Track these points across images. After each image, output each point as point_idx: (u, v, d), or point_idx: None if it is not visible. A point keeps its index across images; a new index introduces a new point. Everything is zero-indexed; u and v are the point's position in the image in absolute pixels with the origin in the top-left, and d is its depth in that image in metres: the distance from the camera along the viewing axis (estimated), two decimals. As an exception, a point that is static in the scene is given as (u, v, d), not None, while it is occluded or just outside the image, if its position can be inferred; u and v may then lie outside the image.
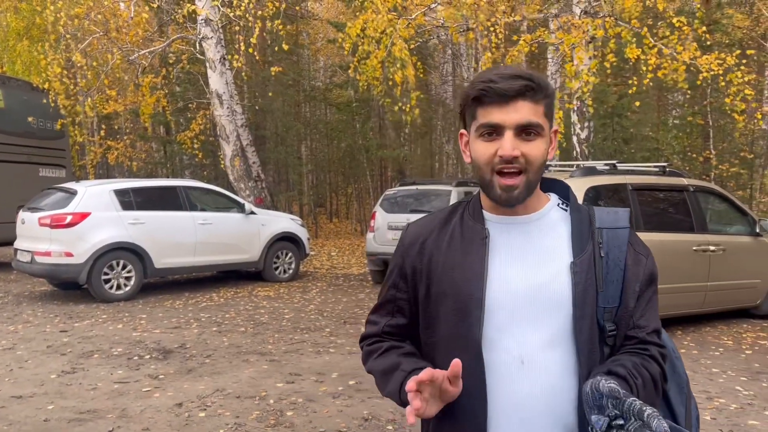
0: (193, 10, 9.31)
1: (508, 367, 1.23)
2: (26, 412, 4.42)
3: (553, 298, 1.23)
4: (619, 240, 1.29)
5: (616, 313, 1.26)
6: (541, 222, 1.30)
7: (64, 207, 8.14)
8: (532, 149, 1.21)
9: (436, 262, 1.30)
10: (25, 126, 11.20)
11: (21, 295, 8.77)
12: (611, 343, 1.27)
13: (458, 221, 1.33)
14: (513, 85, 1.19)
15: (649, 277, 1.31)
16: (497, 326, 1.24)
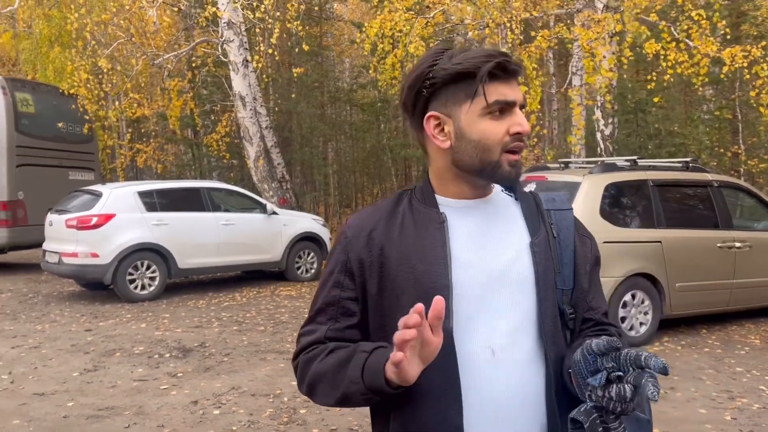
0: (214, 12, 9.41)
1: (479, 359, 1.16)
2: (47, 408, 4.52)
3: (518, 279, 1.19)
4: (566, 221, 1.28)
5: (572, 295, 1.25)
6: (494, 205, 1.25)
7: (89, 209, 8.32)
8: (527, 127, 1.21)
9: (388, 253, 1.21)
10: (55, 130, 11.48)
11: (50, 295, 8.98)
12: (572, 326, 1.26)
13: (407, 208, 1.25)
14: (517, 62, 1.19)
15: (595, 258, 1.31)
16: (465, 315, 1.17)
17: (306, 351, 1.25)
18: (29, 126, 11.04)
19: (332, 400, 1.19)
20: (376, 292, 1.22)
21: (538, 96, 7.72)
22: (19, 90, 11.05)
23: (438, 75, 1.18)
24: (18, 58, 18.40)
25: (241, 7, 9.57)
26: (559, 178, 6.55)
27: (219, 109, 14.74)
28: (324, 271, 1.30)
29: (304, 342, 1.27)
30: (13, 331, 6.86)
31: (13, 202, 10.69)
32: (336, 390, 1.17)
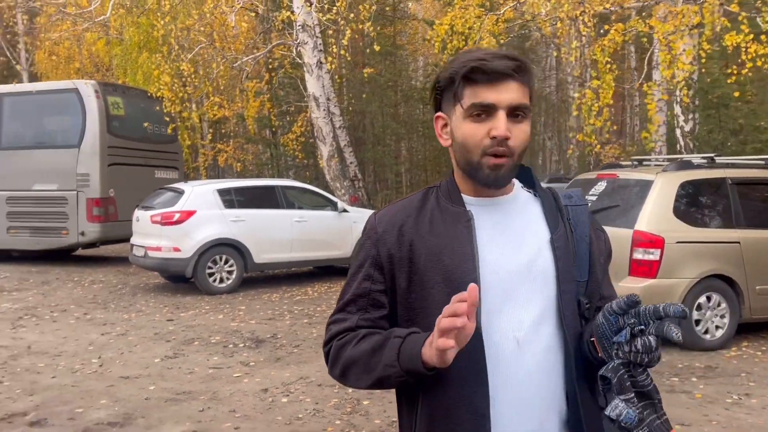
0: (288, 16, 9.72)
1: (504, 349, 1.22)
2: (131, 391, 4.86)
3: (539, 274, 1.25)
4: (582, 216, 1.34)
5: (587, 286, 1.30)
6: (515, 202, 1.31)
7: (172, 206, 8.79)
8: (520, 132, 1.21)
9: (417, 249, 1.26)
10: (142, 131, 12.16)
11: (137, 286, 9.56)
12: (587, 315, 1.30)
13: (435, 205, 1.30)
14: (507, 64, 1.18)
15: (609, 250, 1.40)
16: (491, 309, 1.22)
17: (338, 337, 1.31)
18: (119, 127, 11.75)
19: (365, 383, 1.27)
20: (405, 286, 1.27)
21: (611, 90, 7.54)
22: (110, 94, 11.78)
23: (441, 78, 1.26)
24: (111, 64, 19.56)
25: (315, 10, 9.82)
26: (630, 176, 6.40)
27: (294, 109, 15.16)
28: (353, 264, 1.35)
29: (334, 330, 1.32)
30: (103, 319, 7.37)
31: (105, 199, 11.41)
32: (370, 374, 1.24)
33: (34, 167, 11.55)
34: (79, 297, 8.68)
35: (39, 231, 11.60)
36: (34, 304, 8.19)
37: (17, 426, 4.14)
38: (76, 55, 20.09)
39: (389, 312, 1.31)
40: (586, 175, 7.28)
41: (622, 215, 6.12)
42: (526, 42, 16.37)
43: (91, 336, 6.54)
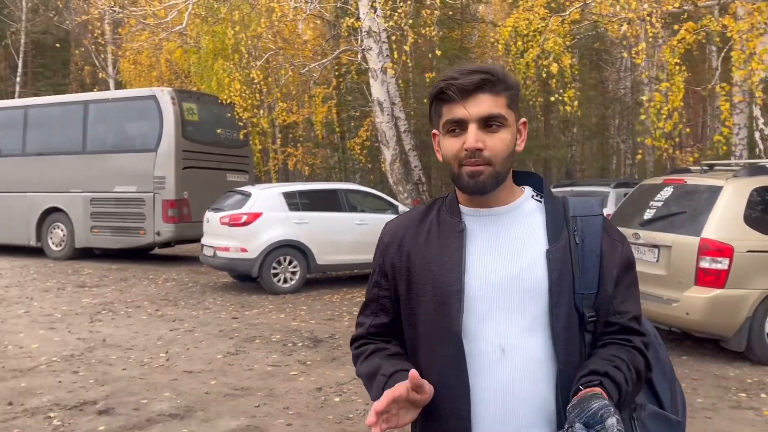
0: (352, 23, 9.89)
1: (489, 357, 1.26)
2: (193, 385, 5.09)
3: (530, 286, 1.26)
4: (593, 227, 1.31)
5: (595, 299, 1.28)
6: (516, 213, 1.32)
7: (240, 208, 9.12)
8: (495, 141, 1.24)
9: (414, 258, 1.33)
10: (215, 136, 12.65)
11: (206, 285, 9.96)
12: (591, 329, 1.29)
13: (435, 217, 1.36)
14: (472, 80, 1.23)
15: (626, 262, 1.33)
16: (477, 317, 1.27)
17: (355, 345, 1.46)
18: (193, 132, 12.27)
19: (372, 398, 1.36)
20: (404, 293, 1.36)
21: (681, 93, 7.26)
22: (185, 100, 12.32)
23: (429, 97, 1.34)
24: (189, 71, 20.41)
25: (379, 16, 9.95)
26: (698, 181, 6.16)
27: (360, 114, 15.36)
28: (372, 268, 1.48)
29: (354, 334, 1.47)
30: (173, 315, 7.72)
31: (180, 201, 11.94)
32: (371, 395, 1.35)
33: (115, 170, 12.23)
34: (152, 294, 9.13)
35: (119, 230, 12.27)
36: (111, 299, 8.67)
37: (87, 414, 4.42)
38: (156, 64, 21.08)
39: (396, 315, 1.40)
40: (651, 181, 7.05)
41: (689, 222, 5.90)
42: (595, 43, 15.90)
43: (160, 331, 6.87)
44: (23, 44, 28.22)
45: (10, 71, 30.26)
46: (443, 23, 18.24)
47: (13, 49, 28.74)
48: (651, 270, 6.06)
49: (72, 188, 12.56)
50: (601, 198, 1.43)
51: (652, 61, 12.15)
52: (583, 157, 23.49)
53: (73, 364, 5.60)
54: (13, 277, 10.48)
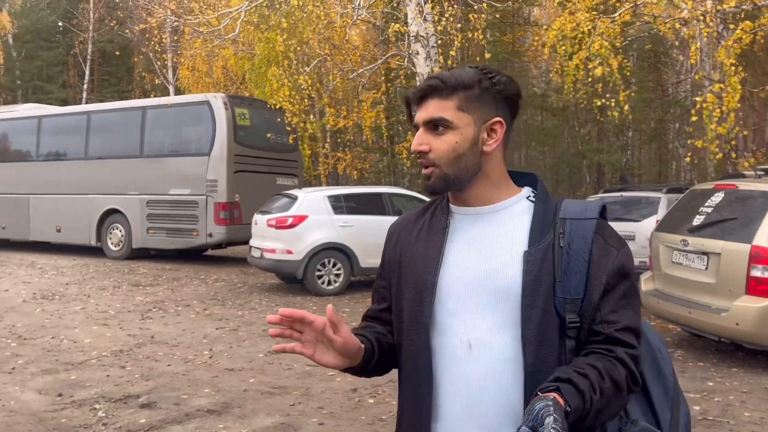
0: (398, 28, 9.95)
1: (456, 351, 1.29)
2: (233, 382, 5.22)
3: (503, 285, 1.26)
4: (583, 231, 1.27)
5: (581, 305, 1.24)
6: (503, 213, 1.33)
7: (287, 210, 9.29)
8: (438, 143, 1.29)
9: (405, 254, 1.40)
10: (266, 141, 12.93)
11: (254, 286, 10.17)
12: (574, 335, 1.24)
13: (429, 215, 1.42)
14: (421, 86, 1.32)
15: (618, 270, 1.26)
16: (449, 311, 1.30)
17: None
18: (245, 137, 12.58)
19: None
20: (395, 285, 1.42)
21: (736, 94, 6.99)
22: (237, 105, 12.65)
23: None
24: (243, 77, 20.93)
25: (426, 20, 9.97)
26: (752, 186, 5.94)
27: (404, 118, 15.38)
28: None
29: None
30: (220, 314, 7.93)
31: (231, 204, 12.25)
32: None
33: (170, 173, 12.65)
34: (202, 293, 9.39)
35: (173, 232, 12.68)
36: (163, 298, 8.97)
37: (131, 407, 4.60)
38: (211, 71, 21.71)
39: (389, 306, 1.46)
40: (702, 186, 6.82)
41: (741, 229, 5.68)
42: (648, 45, 15.47)
43: (206, 330, 7.07)
44: (90, 53, 29.55)
45: (78, 79, 31.75)
46: (495, 26, 18.14)
47: (81, 57, 30.15)
48: (699, 278, 5.87)
49: (130, 191, 13.06)
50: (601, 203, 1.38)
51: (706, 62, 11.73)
52: (639, 161, 22.86)
53: (122, 359, 5.83)
54: (73, 275, 10.97)
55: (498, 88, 1.30)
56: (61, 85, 32.37)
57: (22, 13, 31.39)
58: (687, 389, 5.10)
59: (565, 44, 8.56)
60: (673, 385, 1.35)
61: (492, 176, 1.33)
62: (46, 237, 14.30)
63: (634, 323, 1.26)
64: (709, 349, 6.41)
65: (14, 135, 15.27)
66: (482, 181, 1.32)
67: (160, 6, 13.74)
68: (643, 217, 8.74)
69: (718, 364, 5.87)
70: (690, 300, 5.94)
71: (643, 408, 1.30)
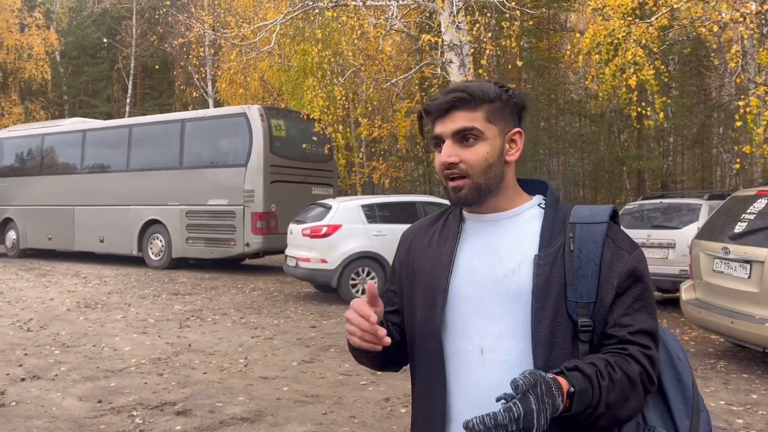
0: (430, 38, 9.97)
1: (468, 356, 1.30)
2: (266, 390, 5.27)
3: (514, 289, 1.28)
4: (594, 235, 1.29)
5: (593, 309, 1.25)
6: (514, 219, 1.36)
7: (321, 220, 9.37)
8: (470, 154, 1.30)
9: (418, 259, 1.42)
10: (301, 151, 13.07)
11: (290, 294, 10.27)
12: (587, 339, 1.25)
13: (443, 221, 1.44)
14: (447, 99, 1.31)
15: (630, 273, 1.27)
16: (461, 315, 1.32)
17: None
18: (281, 148, 12.75)
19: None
20: (408, 289, 1.44)
21: (777, 98, 6.79)
22: (273, 117, 12.84)
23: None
24: (281, 89, 21.24)
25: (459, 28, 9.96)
26: (794, 192, 5.74)
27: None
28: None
29: None
30: (256, 323, 8.02)
31: (267, 213, 12.41)
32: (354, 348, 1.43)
33: (208, 184, 12.90)
34: (239, 302, 9.52)
35: (212, 242, 12.91)
36: (201, 307, 9.13)
37: (167, 414, 4.68)
38: (245, 83, 22.07)
39: (399, 308, 1.48)
40: (744, 192, 6.63)
41: (785, 236, 5.49)
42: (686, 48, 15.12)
43: (242, 338, 7.16)
44: (133, 68, 30.41)
45: (122, 93, 32.69)
46: (531, 33, 18.01)
47: (124, 72, 31.06)
48: (742, 286, 5.69)
49: (170, 201, 13.36)
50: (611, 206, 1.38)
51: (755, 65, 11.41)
52: (682, 167, 22.34)
53: (159, 367, 5.94)
54: (115, 285, 11.25)
55: (514, 101, 1.35)
56: (105, 99, 33.36)
57: (68, 31, 32.53)
58: (730, 402, 4.95)
59: (601, 51, 8.44)
60: (692, 392, 1.33)
61: (509, 185, 1.37)
62: (90, 247, 14.72)
63: (649, 326, 1.26)
64: (753, 361, 6.20)
65: (60, 149, 15.80)
66: (503, 190, 1.36)
67: (198, 21, 14.05)
68: (684, 224, 8.52)
69: (762, 376, 5.68)
70: (732, 310, 5.76)
71: (661, 415, 1.30)
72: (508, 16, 9.55)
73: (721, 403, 4.93)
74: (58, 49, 30.41)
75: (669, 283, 8.67)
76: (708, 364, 6.14)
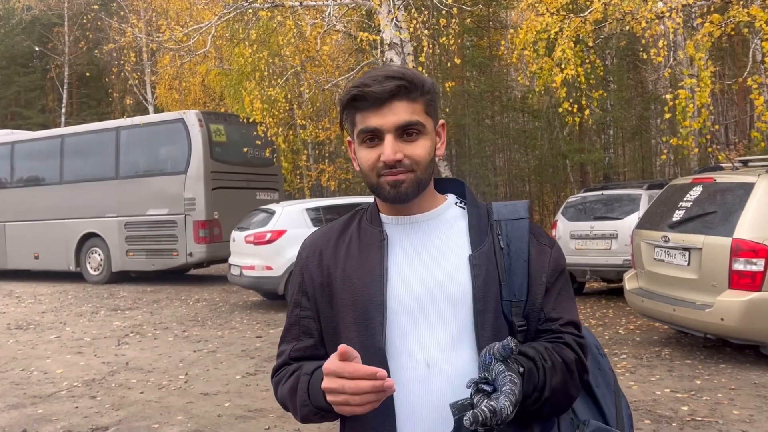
0: (367, 36, 9.85)
1: (414, 373, 1.18)
2: (207, 407, 5.03)
3: (454, 293, 1.19)
4: (519, 231, 1.23)
5: (524, 307, 1.19)
6: (438, 220, 1.26)
7: (264, 226, 9.12)
8: (415, 149, 1.18)
9: (334, 273, 1.26)
10: (243, 156, 12.76)
11: (236, 304, 9.98)
12: (522, 339, 1.19)
13: (356, 228, 1.29)
14: (386, 87, 1.15)
15: (555, 267, 1.24)
16: (400, 330, 1.19)
17: (276, 374, 1.34)
18: (221, 153, 12.41)
19: (300, 420, 1.26)
20: (326, 310, 1.27)
21: (707, 88, 6.93)
22: (212, 122, 12.49)
23: (339, 104, 1.24)
24: (222, 93, 20.78)
25: (396, 27, 9.88)
26: (730, 179, 5.85)
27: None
28: (290, 288, 1.40)
29: (275, 365, 1.34)
30: (199, 336, 7.73)
31: (210, 221, 12.06)
32: (297, 412, 1.24)
33: (147, 193, 12.45)
34: (182, 315, 9.18)
35: (153, 253, 12.46)
36: (141, 322, 8.75)
37: (97, 439, 4.40)
38: (192, 87, 21.52)
39: (320, 337, 1.30)
40: (680, 180, 6.74)
41: (721, 222, 5.59)
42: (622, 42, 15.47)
43: (183, 353, 6.87)
44: (67, 76, 29.29)
45: (57, 103, 31.44)
46: (472, 31, 18.11)
47: (57, 81, 29.88)
48: (682, 274, 5.76)
49: (107, 213, 12.85)
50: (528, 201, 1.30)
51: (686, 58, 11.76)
52: (624, 159, 22.88)
53: (93, 389, 5.62)
54: (51, 303, 10.73)
55: (436, 92, 1.24)
56: (39, 110, 32.07)
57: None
58: (675, 389, 4.98)
59: (538, 47, 8.47)
60: (614, 379, 1.34)
61: (431, 183, 1.27)
62: (25, 264, 14.05)
63: (575, 317, 1.25)
64: (696, 347, 6.30)
65: (-13, 162, 15.02)
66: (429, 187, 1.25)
67: (129, 25, 13.57)
68: (625, 214, 8.64)
69: (705, 361, 5.76)
70: (674, 297, 5.83)
71: (589, 406, 1.28)
72: (445, 13, 9.51)
73: (666, 391, 4.95)
74: (-14, 59, 29.05)
75: (613, 273, 8.78)
76: (653, 352, 6.20)
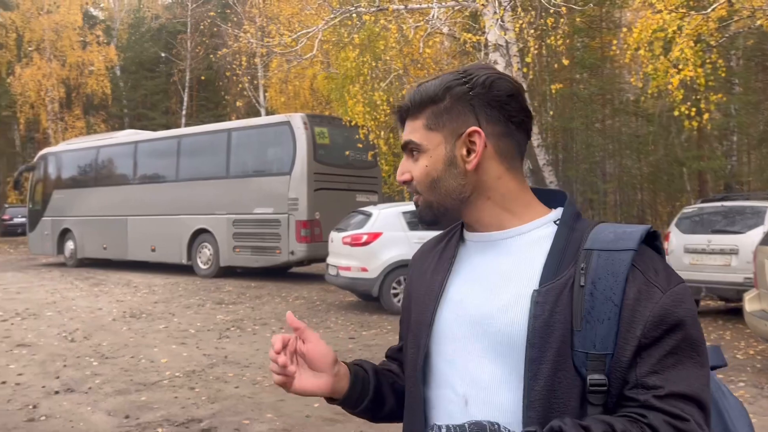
0: (469, 37, 9.67)
1: (451, 407, 1.07)
2: (297, 407, 5.09)
3: (504, 329, 1.01)
4: (614, 266, 0.97)
5: (608, 362, 0.95)
6: (520, 239, 1.07)
7: (361, 227, 9.19)
8: (415, 169, 1.11)
9: (413, 286, 1.21)
10: (345, 158, 12.97)
11: (332, 304, 10.12)
12: (599, 401, 0.95)
13: (448, 240, 1.20)
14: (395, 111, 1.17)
15: (661, 317, 0.94)
16: (446, 357, 1.09)
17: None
18: (324, 155, 12.68)
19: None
20: (407, 321, 1.23)
21: None
22: (317, 125, 12.78)
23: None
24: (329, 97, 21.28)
25: (501, 28, 9.64)
26: None
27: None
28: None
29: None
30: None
31: (312, 221, 12.35)
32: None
33: (254, 193, 12.95)
34: (281, 312, 9.44)
35: (258, 250, 12.94)
36: (242, 316, 9.08)
37: (191, 431, 4.56)
38: (301, 91, 22.22)
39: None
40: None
41: None
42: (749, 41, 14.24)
43: (279, 350, 7.02)
44: (188, 80, 31.20)
45: (179, 105, 33.56)
46: (583, 32, 17.42)
47: (179, 85, 31.89)
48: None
49: (217, 210, 13.48)
50: (646, 227, 1.04)
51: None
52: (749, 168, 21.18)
53: (192, 380, 5.86)
54: (163, 294, 11.38)
55: (475, 92, 1.04)
56: (163, 111, 34.36)
57: (127, 47, 33.69)
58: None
59: (654, 46, 7.96)
60: None
61: (495, 197, 1.07)
62: (143, 256, 15.03)
63: (690, 389, 0.93)
64: (827, 379, 5.65)
65: (114, 160, 16.24)
66: (481, 204, 1.08)
67: (242, 31, 14.17)
68: (748, 228, 7.93)
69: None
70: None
71: None
72: (553, 12, 9.17)
73: (789, 428, 4.46)
74: (118, 64, 31.47)
75: (732, 292, 8.09)
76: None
